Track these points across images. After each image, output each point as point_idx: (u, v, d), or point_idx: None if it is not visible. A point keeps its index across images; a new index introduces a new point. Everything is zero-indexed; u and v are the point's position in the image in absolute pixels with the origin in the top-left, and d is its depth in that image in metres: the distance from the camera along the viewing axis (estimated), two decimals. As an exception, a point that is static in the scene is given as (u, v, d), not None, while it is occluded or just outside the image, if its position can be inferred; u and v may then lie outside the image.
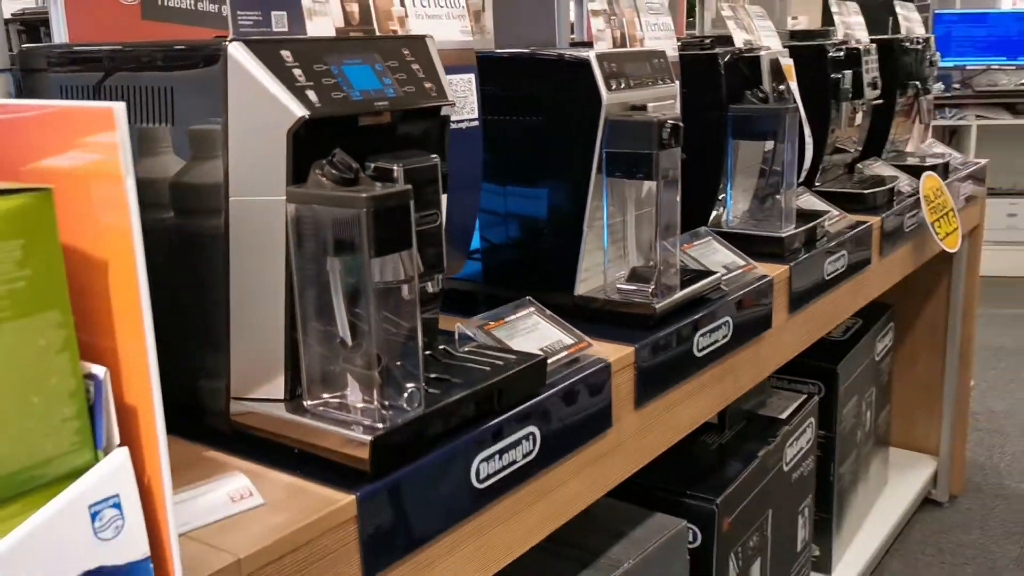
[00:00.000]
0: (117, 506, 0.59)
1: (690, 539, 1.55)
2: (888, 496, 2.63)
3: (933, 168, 2.21)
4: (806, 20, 3.55)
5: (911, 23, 2.34)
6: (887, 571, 2.46)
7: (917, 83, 2.24)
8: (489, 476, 0.95)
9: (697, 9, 2.41)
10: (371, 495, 0.82)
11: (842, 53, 1.92)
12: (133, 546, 0.60)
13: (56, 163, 0.62)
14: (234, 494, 0.79)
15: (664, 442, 1.27)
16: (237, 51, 0.82)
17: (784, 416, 1.85)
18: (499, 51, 1.27)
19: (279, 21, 0.95)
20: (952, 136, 5.29)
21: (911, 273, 2.18)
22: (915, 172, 2.16)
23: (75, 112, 0.60)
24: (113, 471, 0.59)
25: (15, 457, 0.56)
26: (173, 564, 0.62)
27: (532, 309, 1.16)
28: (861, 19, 2.12)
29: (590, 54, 1.21)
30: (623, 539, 1.38)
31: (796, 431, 1.85)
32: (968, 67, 5.25)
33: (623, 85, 1.23)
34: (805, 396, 1.95)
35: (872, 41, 2.09)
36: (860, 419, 2.32)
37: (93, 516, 0.58)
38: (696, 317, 1.29)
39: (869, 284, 1.91)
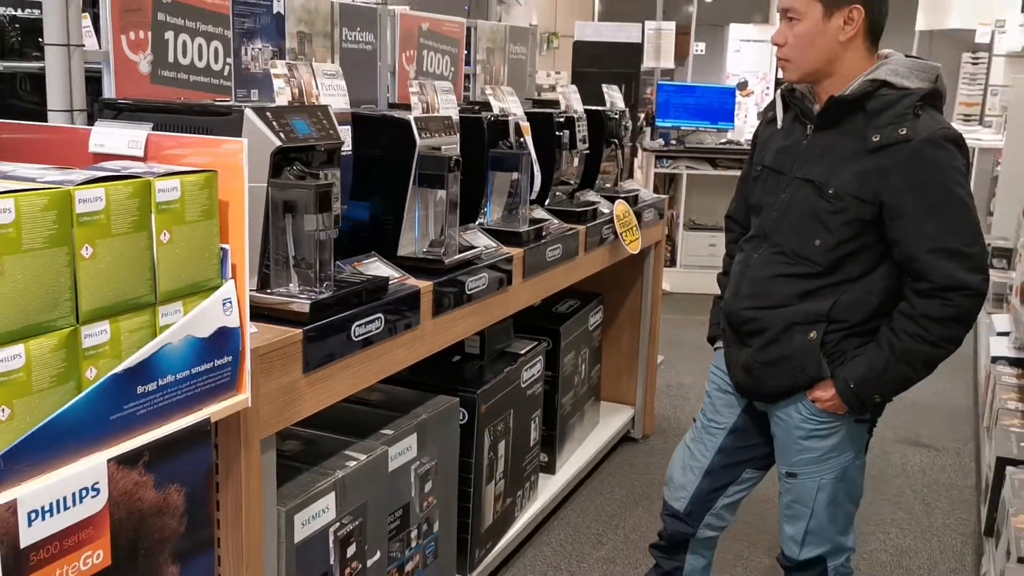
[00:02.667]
0: (229, 301, 1.44)
1: (461, 418, 2.48)
2: (599, 432, 3.70)
3: (625, 198, 3.31)
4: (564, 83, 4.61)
5: (614, 99, 3.43)
6: (596, 474, 3.52)
7: (615, 140, 3.34)
8: (360, 335, 1.85)
9: (471, 83, 3.40)
10: (309, 331, 1.70)
11: (563, 118, 2.96)
12: (235, 319, 1.45)
13: (211, 159, 1.45)
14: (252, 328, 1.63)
15: (447, 341, 2.20)
16: (248, 112, 1.68)
17: (523, 353, 2.84)
18: (360, 111, 2.16)
19: (256, 95, 1.80)
20: (671, 182, 6.65)
21: (618, 272, 3.24)
22: (613, 200, 3.25)
23: (216, 141, 1.45)
24: (229, 287, 1.44)
25: (204, 276, 1.40)
26: (245, 329, 1.47)
27: (376, 258, 2.06)
28: (578, 96, 3.18)
29: (410, 116, 2.13)
30: (418, 407, 2.29)
31: (529, 363, 2.84)
32: (682, 128, 6.64)
33: (428, 136, 2.16)
34: (536, 343, 2.95)
35: (585, 111, 3.15)
36: (577, 368, 3.36)
37: (223, 304, 1.43)
38: (467, 271, 2.24)
39: (577, 269, 2.95)
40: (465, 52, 3.18)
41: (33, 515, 1.14)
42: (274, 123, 1.70)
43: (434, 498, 2.29)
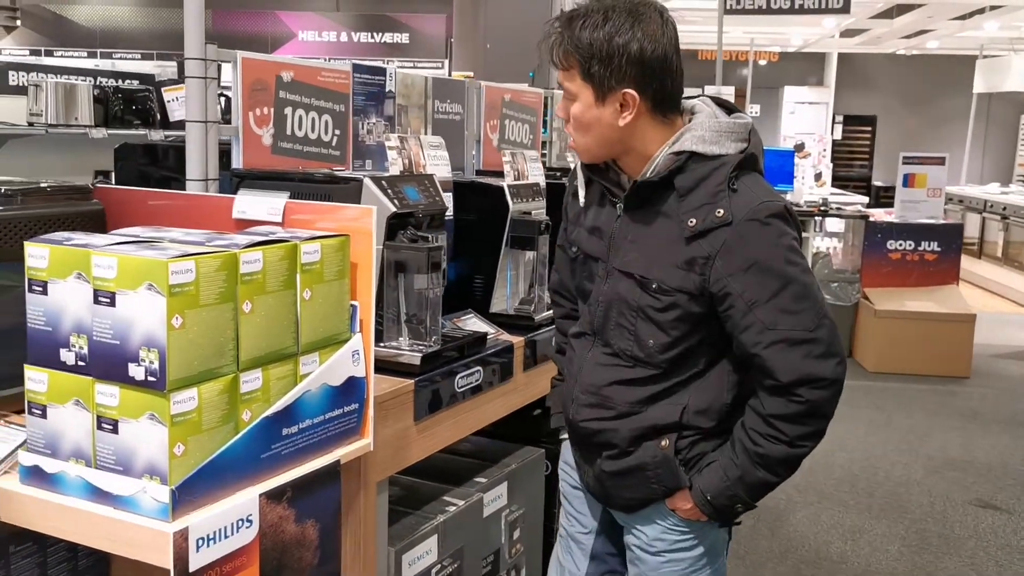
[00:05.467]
0: (358, 353, 1.59)
1: (545, 470, 2.58)
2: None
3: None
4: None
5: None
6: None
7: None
8: (463, 386, 1.98)
9: (548, 150, 3.59)
10: (420, 381, 1.84)
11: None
12: (362, 369, 1.59)
13: (338, 224, 1.61)
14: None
15: (537, 393, 2.33)
16: (367, 181, 1.85)
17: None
18: (458, 179, 2.33)
19: (369, 165, 1.98)
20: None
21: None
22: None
23: (346, 208, 1.61)
24: (358, 340, 1.59)
25: (337, 329, 1.55)
26: (370, 379, 1.61)
27: (472, 314, 2.21)
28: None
29: (504, 183, 2.29)
30: (507, 457, 2.41)
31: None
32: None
33: (520, 201, 2.32)
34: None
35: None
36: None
37: (353, 355, 1.58)
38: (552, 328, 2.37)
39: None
40: (543, 120, 3.36)
41: (200, 542, 1.28)
42: (389, 190, 1.86)
43: (521, 545, 2.39)
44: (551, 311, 2.37)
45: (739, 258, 1.58)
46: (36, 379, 1.35)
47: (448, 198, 2.12)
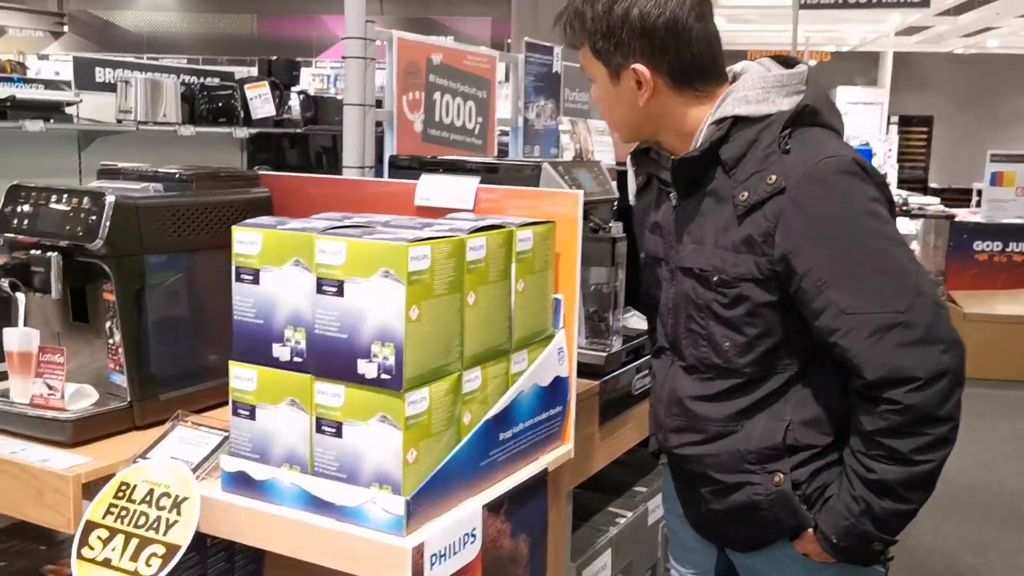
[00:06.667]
0: (563, 351, 1.45)
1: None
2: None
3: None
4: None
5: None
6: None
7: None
8: (639, 388, 1.84)
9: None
10: (605, 382, 1.70)
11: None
12: (566, 369, 1.46)
13: (529, 211, 1.48)
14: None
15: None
16: (546, 166, 1.71)
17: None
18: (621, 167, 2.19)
19: (537, 151, 1.85)
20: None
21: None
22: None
23: (544, 193, 1.48)
24: (562, 336, 1.45)
25: (542, 325, 1.42)
26: (573, 379, 1.48)
27: (632, 311, 2.07)
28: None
29: (660, 173, 2.15)
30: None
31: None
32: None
33: (676, 191, 2.18)
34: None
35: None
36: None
37: (558, 353, 1.44)
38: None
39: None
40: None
41: (434, 558, 1.15)
42: (566, 177, 1.73)
43: (673, 558, 2.24)
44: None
45: (800, 229, 1.31)
46: (244, 377, 1.22)
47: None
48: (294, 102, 5.00)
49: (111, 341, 1.43)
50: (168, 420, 1.37)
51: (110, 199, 1.36)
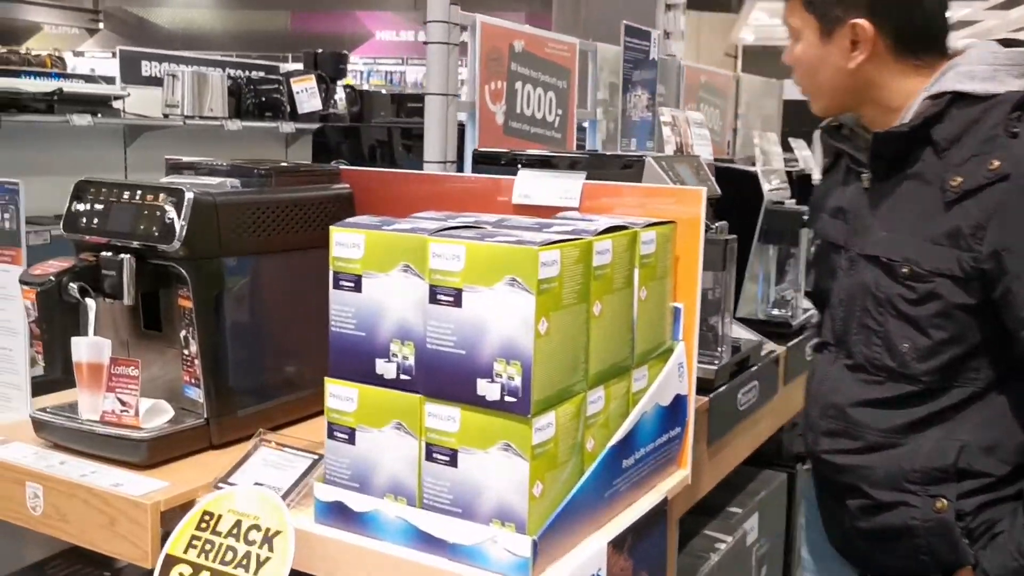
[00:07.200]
0: (683, 366, 1.31)
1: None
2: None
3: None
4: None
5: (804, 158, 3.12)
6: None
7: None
8: (743, 404, 1.69)
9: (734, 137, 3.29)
10: (714, 398, 1.55)
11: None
12: (686, 386, 1.31)
13: (640, 210, 1.34)
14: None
15: (794, 410, 2.02)
16: (649, 160, 1.57)
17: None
18: (719, 164, 2.04)
19: (634, 144, 1.70)
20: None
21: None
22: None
23: (672, 191, 1.33)
24: (682, 350, 1.30)
25: (662, 338, 1.27)
26: (691, 397, 1.33)
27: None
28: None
29: (757, 168, 1.99)
30: (752, 482, 2.11)
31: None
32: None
33: (773, 188, 2.02)
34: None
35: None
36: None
37: (679, 368, 1.29)
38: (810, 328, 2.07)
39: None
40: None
41: (561, 606, 1.01)
42: (670, 172, 1.58)
43: (765, 583, 2.09)
44: (808, 314, 2.08)
45: (1020, 223, 1.18)
46: (342, 396, 1.09)
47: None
48: (339, 95, 4.88)
49: (186, 352, 1.30)
50: (249, 439, 1.24)
51: (189, 195, 1.23)
